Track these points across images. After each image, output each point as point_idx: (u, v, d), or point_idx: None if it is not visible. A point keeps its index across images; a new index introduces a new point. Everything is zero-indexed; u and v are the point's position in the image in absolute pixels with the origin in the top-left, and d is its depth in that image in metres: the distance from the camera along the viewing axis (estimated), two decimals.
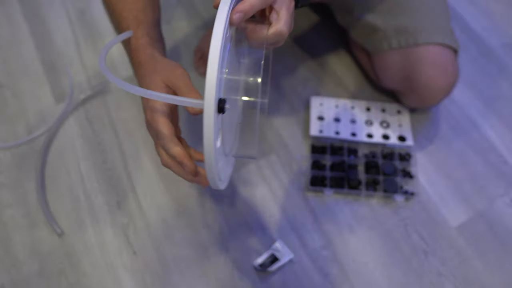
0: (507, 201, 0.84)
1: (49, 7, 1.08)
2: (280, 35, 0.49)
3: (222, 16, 0.44)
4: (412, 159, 0.87)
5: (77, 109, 0.94)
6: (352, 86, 0.97)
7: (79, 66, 0.99)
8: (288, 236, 0.80)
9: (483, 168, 0.88)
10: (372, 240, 0.80)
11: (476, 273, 0.78)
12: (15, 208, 0.83)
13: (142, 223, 0.82)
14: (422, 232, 0.81)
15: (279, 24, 0.48)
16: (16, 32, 1.05)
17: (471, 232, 0.81)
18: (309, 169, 0.86)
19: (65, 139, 0.90)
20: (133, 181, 0.86)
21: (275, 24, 0.48)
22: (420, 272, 0.78)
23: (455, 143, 0.91)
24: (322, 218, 0.82)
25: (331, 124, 0.90)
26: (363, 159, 0.87)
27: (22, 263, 0.78)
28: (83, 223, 0.82)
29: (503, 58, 1.02)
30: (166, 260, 0.78)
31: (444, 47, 0.81)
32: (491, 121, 0.93)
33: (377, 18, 0.84)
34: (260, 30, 0.49)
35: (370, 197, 0.84)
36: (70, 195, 0.84)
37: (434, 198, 0.85)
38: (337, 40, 1.02)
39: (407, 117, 0.91)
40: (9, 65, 1.00)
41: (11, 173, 0.86)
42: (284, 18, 0.48)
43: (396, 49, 0.82)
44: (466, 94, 0.96)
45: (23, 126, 0.92)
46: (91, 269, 0.78)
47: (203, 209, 0.83)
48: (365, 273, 0.77)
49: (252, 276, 0.77)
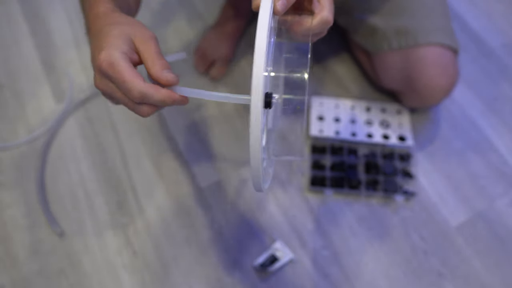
0: (507, 201, 0.84)
1: (49, 7, 1.08)
2: (326, 23, 0.48)
3: (266, 4, 0.42)
4: (412, 159, 0.87)
5: (77, 109, 0.94)
6: (352, 86, 0.97)
7: (79, 66, 0.99)
8: (288, 236, 0.80)
9: (483, 168, 0.88)
10: (372, 240, 0.80)
11: (476, 273, 0.78)
12: (15, 208, 0.83)
13: (142, 223, 0.82)
14: (422, 232, 0.81)
15: (324, 11, 0.47)
16: (16, 32, 1.05)
17: (471, 232, 0.81)
18: (309, 169, 0.86)
19: (65, 139, 0.90)
20: (133, 181, 0.86)
21: (319, 12, 0.47)
22: (420, 272, 0.78)
23: (455, 143, 0.91)
24: (322, 218, 0.82)
25: (331, 124, 0.90)
26: (363, 159, 0.87)
27: (22, 263, 0.78)
28: (83, 223, 0.82)
29: (503, 58, 1.02)
30: (166, 260, 0.78)
31: (444, 48, 0.81)
32: (491, 121, 0.93)
33: (377, 19, 0.84)
34: (304, 20, 0.48)
35: (370, 197, 0.84)
36: (70, 195, 0.84)
37: (434, 198, 0.85)
38: (337, 40, 1.02)
39: (407, 117, 0.91)
40: (9, 65, 1.00)
41: (11, 173, 0.86)
42: (327, 6, 0.47)
43: (396, 49, 0.82)
44: (466, 94, 0.96)
45: (23, 126, 0.92)
46: (91, 269, 0.78)
47: (203, 209, 0.83)
48: (365, 273, 0.77)
49: (252, 276, 0.77)
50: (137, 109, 0.45)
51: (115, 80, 0.44)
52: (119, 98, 0.45)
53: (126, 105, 0.46)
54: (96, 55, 0.45)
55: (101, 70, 0.44)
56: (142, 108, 0.45)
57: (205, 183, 0.85)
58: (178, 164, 0.87)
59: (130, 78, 0.43)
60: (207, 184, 0.85)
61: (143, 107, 0.45)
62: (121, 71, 0.43)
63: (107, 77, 0.44)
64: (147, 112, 0.45)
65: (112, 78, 0.44)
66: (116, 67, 0.43)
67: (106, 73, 0.44)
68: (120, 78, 0.43)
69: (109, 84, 0.45)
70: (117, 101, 0.46)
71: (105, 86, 0.45)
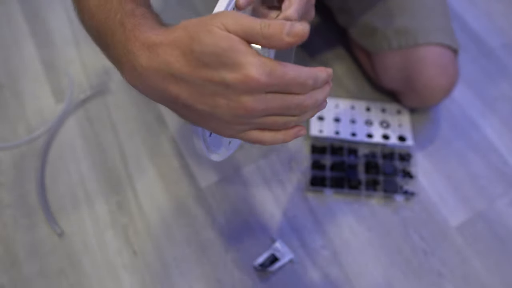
0: (507, 201, 0.84)
1: (49, 7, 1.08)
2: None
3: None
4: (412, 159, 0.87)
5: (77, 109, 0.94)
6: (352, 86, 0.97)
7: (79, 66, 0.99)
8: (288, 236, 0.80)
9: (483, 168, 0.88)
10: (372, 240, 0.80)
11: (476, 273, 0.78)
12: (15, 208, 0.83)
13: (142, 223, 0.82)
14: (422, 232, 0.81)
15: (288, 11, 0.45)
16: (16, 32, 1.05)
17: (471, 232, 0.81)
18: (309, 169, 0.86)
19: (65, 139, 0.90)
20: (133, 181, 0.86)
21: (284, 11, 0.46)
22: (420, 272, 0.78)
23: (455, 143, 0.91)
24: (322, 218, 0.82)
25: (331, 124, 0.90)
26: (363, 159, 0.87)
27: (22, 263, 0.78)
28: (83, 223, 0.82)
29: (503, 58, 1.02)
30: (166, 260, 0.78)
31: (444, 47, 0.81)
32: (491, 121, 0.93)
33: (377, 19, 0.84)
34: (269, 15, 0.48)
35: (370, 197, 0.84)
36: (70, 195, 0.84)
37: (434, 198, 0.85)
38: (337, 40, 1.02)
39: (407, 117, 0.91)
40: (9, 65, 1.00)
41: (11, 173, 0.86)
42: (295, 6, 0.45)
43: (396, 49, 0.82)
44: (466, 94, 0.96)
45: (23, 126, 0.92)
46: (91, 269, 0.78)
47: (203, 209, 0.83)
48: (365, 273, 0.77)
49: (252, 276, 0.77)
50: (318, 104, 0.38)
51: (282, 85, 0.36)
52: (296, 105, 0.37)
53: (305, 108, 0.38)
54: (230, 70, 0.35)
55: (261, 87, 0.35)
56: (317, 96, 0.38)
57: (205, 183, 0.85)
58: (178, 164, 0.87)
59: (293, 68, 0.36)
60: (207, 184, 0.85)
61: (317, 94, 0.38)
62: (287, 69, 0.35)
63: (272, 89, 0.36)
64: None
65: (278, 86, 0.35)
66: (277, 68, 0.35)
67: (270, 85, 0.35)
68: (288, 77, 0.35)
69: (276, 97, 0.36)
70: (293, 110, 0.38)
71: (270, 102, 0.36)
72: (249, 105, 0.35)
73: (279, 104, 0.36)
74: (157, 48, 0.37)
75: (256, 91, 0.35)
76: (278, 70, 0.35)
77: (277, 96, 0.36)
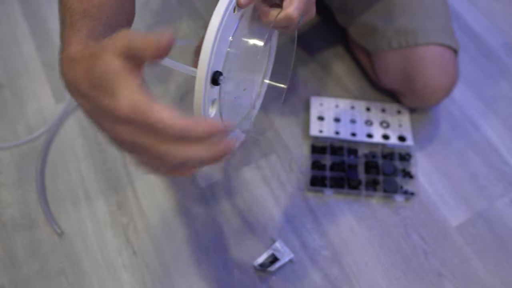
0: (507, 201, 0.84)
1: (49, 7, 1.08)
2: (289, 20, 0.48)
3: None
4: (412, 159, 0.87)
5: (77, 109, 0.94)
6: (352, 86, 0.97)
7: None
8: (288, 236, 0.80)
9: (483, 168, 0.88)
10: (372, 240, 0.80)
11: (476, 273, 0.78)
12: (15, 208, 0.83)
13: (142, 223, 0.82)
14: (422, 232, 0.81)
15: (289, 8, 0.48)
16: (16, 32, 1.05)
17: (471, 232, 0.81)
18: (309, 169, 0.86)
19: (65, 139, 0.90)
20: (133, 181, 0.86)
21: (285, 8, 0.48)
22: (420, 272, 0.78)
23: (455, 143, 0.91)
24: (322, 218, 0.82)
25: (331, 124, 0.90)
26: (363, 159, 0.87)
27: (22, 263, 0.78)
28: (83, 223, 0.82)
29: (503, 58, 1.02)
30: (166, 260, 0.78)
31: (444, 47, 0.81)
32: (491, 121, 0.93)
33: (377, 18, 0.84)
34: (271, 13, 0.49)
35: (370, 197, 0.84)
36: (70, 195, 0.84)
37: (434, 198, 0.85)
38: (337, 40, 1.02)
39: (407, 117, 0.91)
40: (9, 65, 1.00)
41: (11, 173, 0.86)
42: (296, 4, 0.48)
43: (396, 49, 0.82)
44: (466, 94, 0.96)
45: (23, 126, 0.92)
46: (91, 269, 0.78)
47: (203, 209, 0.83)
48: (365, 273, 0.77)
49: (252, 276, 0.77)
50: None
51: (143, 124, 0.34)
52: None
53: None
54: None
55: (125, 118, 0.35)
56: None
57: (205, 183, 0.85)
58: None
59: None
60: (207, 184, 0.85)
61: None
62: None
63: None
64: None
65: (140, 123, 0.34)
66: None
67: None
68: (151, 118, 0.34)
69: (143, 136, 0.36)
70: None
71: (137, 138, 0.35)
72: (118, 134, 0.36)
73: (144, 143, 0.34)
74: (76, 63, 0.40)
75: (125, 122, 0.34)
76: (143, 107, 0.33)
77: (144, 135, 0.34)
